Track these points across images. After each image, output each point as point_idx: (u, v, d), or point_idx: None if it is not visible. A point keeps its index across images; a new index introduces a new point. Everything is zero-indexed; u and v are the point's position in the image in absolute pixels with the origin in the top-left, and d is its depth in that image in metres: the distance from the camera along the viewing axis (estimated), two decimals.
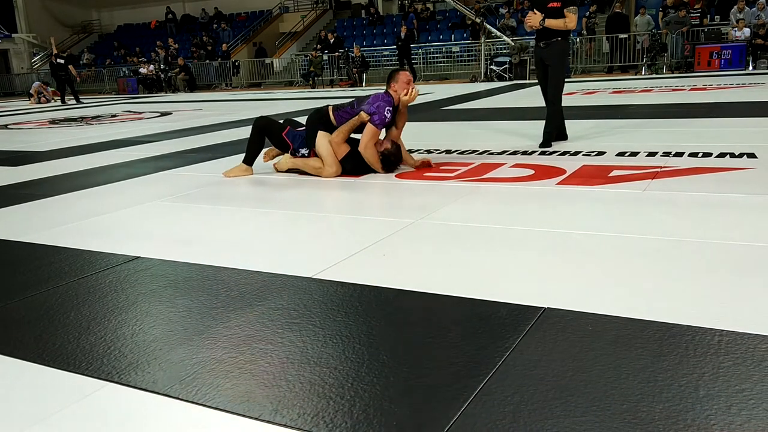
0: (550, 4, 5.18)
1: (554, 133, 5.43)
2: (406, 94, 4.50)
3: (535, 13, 5.20)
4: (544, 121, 5.54)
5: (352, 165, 4.55)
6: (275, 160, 5.02)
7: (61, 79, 17.69)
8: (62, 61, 17.51)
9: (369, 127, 4.45)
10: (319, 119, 4.64)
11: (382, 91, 4.59)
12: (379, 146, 4.53)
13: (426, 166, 4.73)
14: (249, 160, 4.92)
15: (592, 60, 17.33)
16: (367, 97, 4.61)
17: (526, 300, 2.18)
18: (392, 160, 4.55)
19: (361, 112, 4.47)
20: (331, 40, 20.72)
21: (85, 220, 3.75)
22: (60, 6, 29.44)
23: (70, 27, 30.05)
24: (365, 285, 2.42)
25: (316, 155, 4.64)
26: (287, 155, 4.85)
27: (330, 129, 4.58)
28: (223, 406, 1.64)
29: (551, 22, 5.12)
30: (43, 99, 19.21)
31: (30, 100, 19.33)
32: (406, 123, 4.81)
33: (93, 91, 24.51)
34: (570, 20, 5.15)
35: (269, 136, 4.87)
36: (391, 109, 4.47)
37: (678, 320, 1.97)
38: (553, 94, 5.37)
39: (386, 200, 4.05)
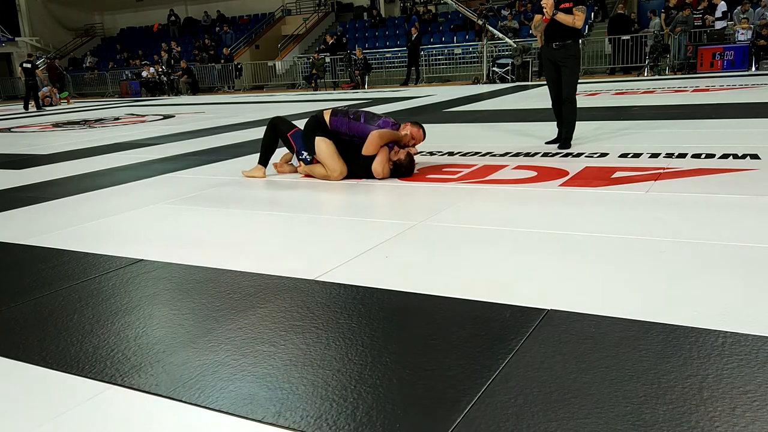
0: (563, 5, 5.21)
1: (572, 132, 5.44)
2: (404, 146, 4.61)
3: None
4: (545, 123, 5.53)
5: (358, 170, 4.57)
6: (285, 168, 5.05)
7: (28, 84, 17.53)
8: (29, 66, 17.41)
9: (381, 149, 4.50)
10: (316, 125, 4.64)
11: (393, 121, 4.65)
12: (393, 156, 4.52)
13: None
14: (263, 161, 4.93)
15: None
16: (377, 117, 4.60)
17: (530, 302, 2.18)
18: (402, 171, 4.55)
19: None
20: (330, 42, 20.77)
21: (88, 223, 3.76)
22: (63, 9, 29.53)
23: (74, 30, 30.14)
24: (368, 287, 2.42)
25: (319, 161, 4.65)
26: (300, 163, 4.86)
27: (326, 133, 4.58)
28: (226, 409, 1.64)
29: (562, 16, 5.18)
30: (47, 101, 19.25)
31: (31, 103, 19.34)
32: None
33: (96, 94, 24.58)
34: (578, 18, 5.22)
35: (280, 134, 4.89)
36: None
37: (682, 322, 1.96)
38: (570, 93, 5.39)
39: (389, 202, 4.05)
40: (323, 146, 4.56)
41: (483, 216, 3.40)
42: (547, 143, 5.60)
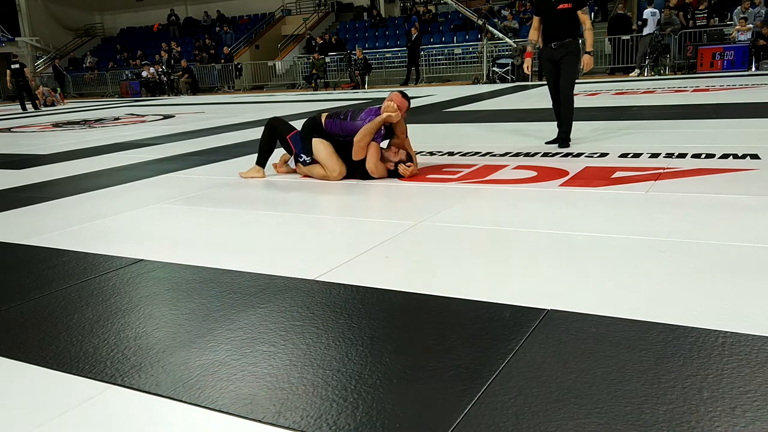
0: (561, 6, 5.20)
1: (570, 130, 5.44)
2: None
3: (589, 57, 5.25)
4: (545, 122, 5.54)
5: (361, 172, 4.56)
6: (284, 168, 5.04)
7: (18, 85, 17.39)
8: (17, 66, 17.30)
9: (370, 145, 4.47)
10: (313, 127, 4.65)
11: (376, 107, 4.62)
12: (394, 156, 4.52)
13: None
14: (261, 162, 4.93)
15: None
16: (361, 111, 4.61)
17: (530, 302, 2.18)
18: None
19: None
20: (319, 42, 20.94)
21: (88, 223, 3.76)
22: (63, 9, 29.52)
23: (74, 30, 30.13)
24: (368, 287, 2.42)
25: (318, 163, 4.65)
26: (299, 165, 4.84)
27: (323, 135, 4.59)
28: (226, 409, 1.64)
29: (588, 44, 5.24)
30: (49, 100, 19.27)
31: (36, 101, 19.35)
32: (409, 125, 4.81)
33: (96, 94, 24.59)
34: (587, 22, 5.23)
35: (278, 136, 4.87)
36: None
37: (682, 322, 1.96)
38: (567, 89, 5.38)
39: (389, 202, 4.05)
40: (321, 147, 4.57)
41: (483, 216, 3.40)
42: (547, 143, 5.60)
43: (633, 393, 1.59)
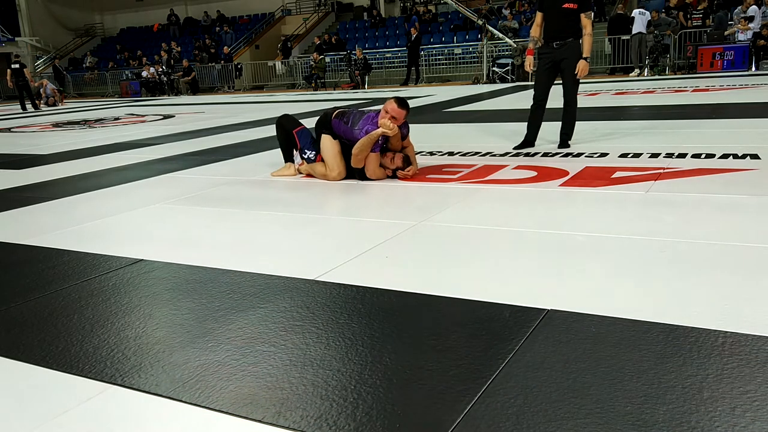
0: (566, 5, 5.15)
1: (572, 132, 5.42)
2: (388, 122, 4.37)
3: (586, 63, 5.17)
4: (544, 123, 5.53)
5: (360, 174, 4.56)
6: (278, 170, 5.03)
7: (18, 85, 17.40)
8: (17, 66, 17.32)
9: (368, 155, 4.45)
10: (324, 122, 4.64)
11: (375, 112, 4.57)
12: (391, 164, 4.51)
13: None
14: (287, 159, 4.96)
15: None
16: (361, 117, 4.57)
17: (530, 302, 2.18)
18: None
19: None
20: (317, 42, 21.09)
21: (88, 223, 3.76)
22: (63, 9, 29.53)
23: (73, 30, 30.14)
24: (368, 287, 2.42)
25: (322, 159, 4.64)
26: (303, 161, 4.82)
27: (331, 133, 4.58)
28: (226, 409, 1.64)
29: (586, 49, 5.15)
30: (51, 100, 19.27)
31: (37, 101, 19.34)
32: (409, 125, 4.79)
33: (96, 94, 24.59)
34: (588, 27, 5.18)
35: (285, 130, 4.85)
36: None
37: (682, 322, 1.96)
38: (572, 96, 5.35)
39: (389, 202, 4.05)
40: (328, 144, 4.56)
41: (483, 216, 3.40)
42: (515, 148, 5.44)
43: (633, 393, 1.59)
